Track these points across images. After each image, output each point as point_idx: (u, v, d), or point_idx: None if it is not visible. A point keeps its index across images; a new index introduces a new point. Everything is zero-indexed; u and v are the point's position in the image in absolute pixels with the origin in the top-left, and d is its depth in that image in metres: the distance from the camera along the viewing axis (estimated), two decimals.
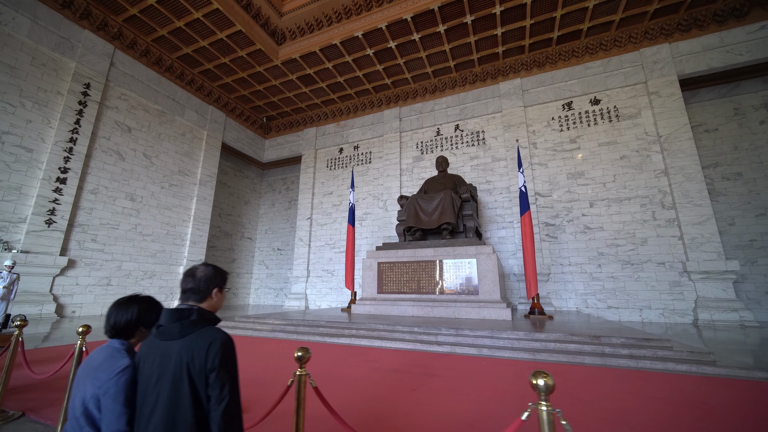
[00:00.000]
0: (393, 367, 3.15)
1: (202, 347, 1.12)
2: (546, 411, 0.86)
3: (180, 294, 1.32)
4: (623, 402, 2.25)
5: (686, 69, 8.94)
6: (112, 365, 1.16)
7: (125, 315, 1.29)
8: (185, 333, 1.15)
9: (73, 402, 1.14)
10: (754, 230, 8.84)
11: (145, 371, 1.15)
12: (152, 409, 1.08)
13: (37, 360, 3.20)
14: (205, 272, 1.31)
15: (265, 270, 15.24)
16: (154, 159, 10.28)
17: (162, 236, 10.31)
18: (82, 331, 1.92)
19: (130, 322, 1.29)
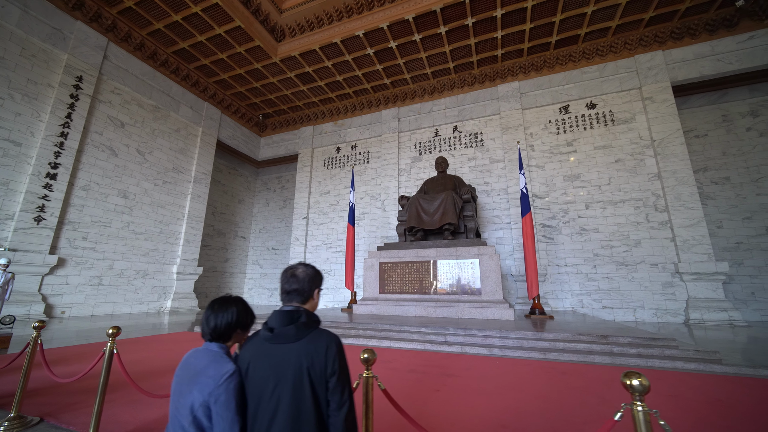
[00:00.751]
0: (409, 368, 3.14)
1: (320, 351, 1.09)
2: (642, 412, 0.86)
3: (282, 295, 1.28)
4: (649, 402, 2.29)
5: (679, 76, 9.21)
6: (219, 371, 1.10)
7: (225, 317, 1.23)
8: (300, 336, 1.12)
9: (177, 411, 1.08)
10: (741, 233, 9.16)
11: (257, 376, 1.10)
12: (272, 416, 1.03)
13: (39, 362, 3.07)
14: (306, 272, 1.27)
15: (259, 270, 15.04)
16: (147, 155, 10.03)
17: (155, 235, 10.07)
18: (113, 332, 1.85)
19: (230, 324, 1.23)
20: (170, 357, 3.61)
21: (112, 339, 1.81)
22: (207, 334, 1.23)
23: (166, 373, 2.94)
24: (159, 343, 4.55)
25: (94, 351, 3.93)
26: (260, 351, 1.13)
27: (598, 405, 2.21)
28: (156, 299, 9.89)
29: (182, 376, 1.14)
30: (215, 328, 1.22)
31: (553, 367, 3.19)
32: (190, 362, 1.17)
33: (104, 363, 1.74)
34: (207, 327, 1.23)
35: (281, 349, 1.11)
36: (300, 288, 1.24)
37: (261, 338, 1.17)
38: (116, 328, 1.87)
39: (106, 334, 1.85)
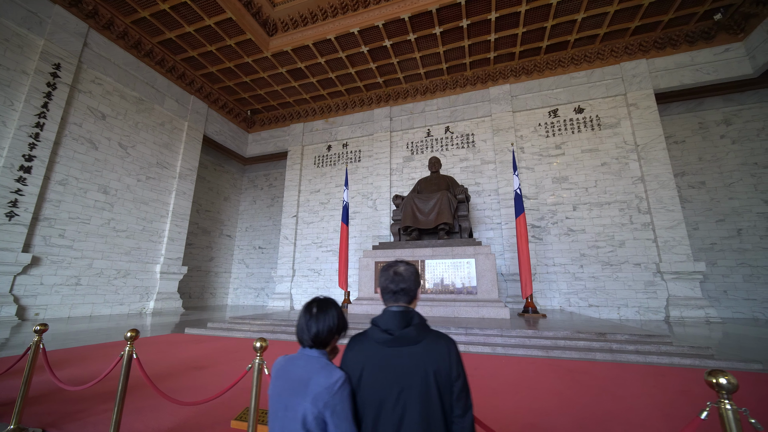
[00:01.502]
0: None
1: (444, 353, 1.03)
2: (732, 410, 0.87)
3: (386, 295, 1.20)
4: (662, 397, 2.37)
5: (661, 84, 9.62)
6: (329, 379, 1.02)
7: (327, 322, 1.14)
8: (420, 338, 1.05)
9: (284, 426, 1.00)
10: (715, 234, 9.68)
11: (375, 383, 1.02)
12: (398, 425, 0.96)
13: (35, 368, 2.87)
14: (410, 270, 1.20)
15: (245, 269, 14.69)
16: (130, 149, 9.58)
17: (137, 232, 9.64)
18: (131, 336, 1.72)
19: (332, 329, 1.15)
20: (167, 360, 3.45)
21: (130, 342, 1.69)
22: (307, 340, 1.14)
23: (169, 377, 2.80)
24: (151, 345, 4.34)
25: (88, 354, 3.71)
26: (376, 355, 1.06)
27: (611, 402, 2.27)
28: (138, 300, 9.48)
29: (284, 387, 1.06)
30: (318, 335, 1.13)
31: (558, 364, 3.26)
32: (291, 371, 1.08)
33: (123, 368, 1.62)
34: (308, 333, 1.14)
35: (401, 353, 1.04)
36: (407, 287, 1.17)
37: (373, 341, 1.09)
38: (134, 332, 1.75)
39: (125, 337, 1.72)
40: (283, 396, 1.04)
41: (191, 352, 3.93)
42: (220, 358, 3.64)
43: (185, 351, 3.96)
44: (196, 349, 4.06)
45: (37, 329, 1.94)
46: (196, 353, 3.85)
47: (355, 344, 1.14)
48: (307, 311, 1.17)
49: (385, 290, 1.20)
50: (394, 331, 1.07)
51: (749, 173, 9.70)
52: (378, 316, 1.16)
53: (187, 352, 3.88)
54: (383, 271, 1.23)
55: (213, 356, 3.71)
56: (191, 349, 4.06)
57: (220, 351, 3.99)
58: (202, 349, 4.07)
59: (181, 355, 3.70)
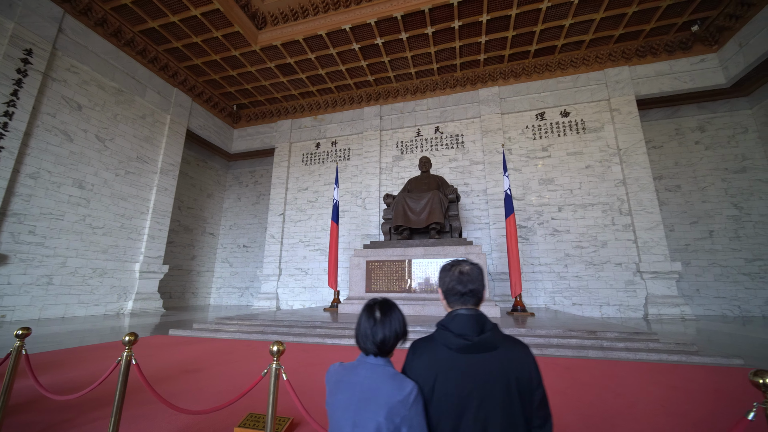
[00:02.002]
0: None
1: (524, 360, 0.96)
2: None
3: (453, 297, 1.12)
4: (660, 394, 2.44)
5: (642, 90, 10.00)
6: (402, 390, 0.93)
7: (393, 326, 1.04)
8: (498, 345, 0.98)
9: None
10: (689, 236, 10.15)
11: (451, 393, 0.94)
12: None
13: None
14: (477, 270, 1.13)
15: (229, 268, 14.31)
16: (108, 142, 9.13)
17: (115, 229, 9.20)
18: (130, 340, 1.60)
19: (398, 335, 1.06)
20: (156, 363, 3.29)
21: (129, 347, 1.57)
22: (372, 348, 1.04)
23: (161, 381, 2.66)
24: (135, 348, 4.13)
25: (66, 359, 3.49)
26: (451, 363, 0.98)
27: (614, 399, 2.31)
28: (115, 300, 9.05)
29: (350, 401, 0.97)
30: (384, 341, 1.03)
31: (555, 362, 3.31)
32: (355, 383, 1.00)
33: (120, 375, 1.50)
34: (373, 340, 1.04)
35: (480, 361, 0.96)
36: (476, 288, 1.10)
37: (445, 347, 1.01)
38: (133, 335, 1.62)
39: (123, 341, 1.60)
40: (350, 410, 0.95)
41: (180, 354, 3.77)
42: (212, 360, 3.50)
43: (174, 353, 3.79)
44: (185, 352, 3.90)
45: (19, 333, 1.79)
46: (186, 356, 3.69)
47: (422, 350, 1.04)
48: (370, 316, 1.07)
49: (451, 292, 1.12)
50: (471, 336, 1.00)
51: (720, 178, 10.23)
52: (447, 320, 1.07)
53: (175, 355, 3.71)
54: (445, 271, 1.16)
55: (204, 358, 3.56)
56: (180, 352, 3.89)
57: (210, 353, 3.84)
58: (191, 352, 3.91)
59: (170, 358, 3.54)
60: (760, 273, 9.44)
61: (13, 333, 1.94)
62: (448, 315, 1.10)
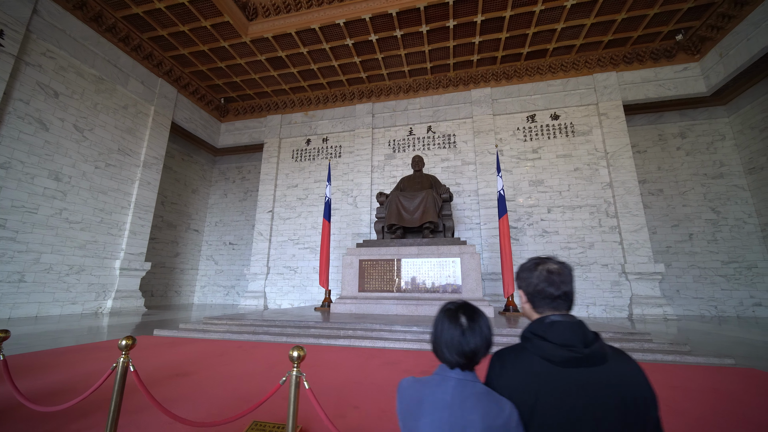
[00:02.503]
0: (421, 369, 3.05)
1: (637, 376, 0.85)
2: None
3: (543, 300, 0.99)
4: (665, 394, 2.46)
5: (629, 96, 10.26)
6: (500, 412, 0.80)
7: (483, 334, 0.90)
8: (608, 357, 0.86)
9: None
10: (670, 238, 10.50)
11: (556, 415, 0.82)
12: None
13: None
14: (568, 269, 1.00)
15: (214, 266, 13.91)
16: (87, 133, 8.67)
17: (94, 224, 8.76)
18: (127, 344, 1.45)
19: (489, 343, 0.92)
20: (142, 366, 3.09)
21: (125, 353, 1.42)
22: (460, 360, 0.89)
23: (150, 386, 2.49)
24: (117, 349, 3.91)
25: (43, 362, 3.25)
26: (553, 378, 0.84)
27: None
28: (93, 298, 8.62)
29: (440, 424, 0.82)
30: (476, 352, 0.89)
31: None
32: (445, 403, 0.84)
33: (116, 383, 1.36)
34: (462, 350, 0.89)
35: (588, 376, 0.83)
36: (570, 290, 0.96)
37: (543, 360, 0.87)
38: (130, 339, 1.47)
39: (119, 346, 1.45)
40: (440, 427, 0.81)
41: (167, 356, 3.58)
42: (203, 362, 3.33)
43: (160, 355, 3.60)
44: (173, 354, 3.71)
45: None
46: (174, 358, 3.51)
47: (514, 363, 0.90)
48: (454, 322, 0.92)
49: (540, 294, 0.98)
50: (578, 347, 0.86)
51: (700, 183, 10.62)
52: (540, 328, 0.94)
53: (162, 357, 3.52)
54: (528, 270, 1.03)
55: (194, 361, 3.39)
56: (166, 354, 3.70)
57: (199, 355, 3.67)
58: (179, 353, 3.72)
59: (157, 361, 3.35)
60: (735, 275, 9.85)
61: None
62: (539, 322, 0.96)
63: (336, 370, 2.97)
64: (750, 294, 9.63)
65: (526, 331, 0.98)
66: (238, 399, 2.30)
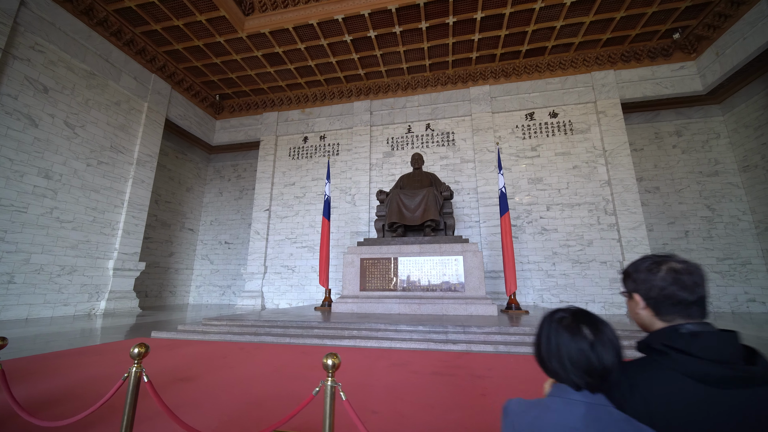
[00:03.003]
0: (431, 370, 2.98)
1: None
2: None
3: (675, 307, 0.86)
4: None
5: (626, 94, 10.30)
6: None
7: (614, 346, 0.76)
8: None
9: None
10: (666, 236, 10.59)
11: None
12: None
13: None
14: (700, 269, 0.87)
15: (210, 265, 13.70)
16: (78, 129, 8.43)
17: (87, 224, 8.53)
18: (140, 353, 1.34)
19: (620, 357, 0.78)
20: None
21: (138, 362, 1.31)
22: (589, 380, 0.75)
23: (158, 392, 2.37)
24: (115, 352, 3.77)
25: (34, 368, 3.11)
26: (706, 402, 0.72)
27: None
28: (86, 300, 8.40)
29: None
30: (610, 369, 0.75)
31: None
32: (575, 428, 0.70)
33: (128, 395, 1.25)
34: (588, 369, 0.75)
35: (754, 400, 0.70)
36: (705, 294, 0.83)
37: (688, 378, 0.75)
38: (143, 347, 1.36)
39: (131, 354, 1.35)
40: None
41: (168, 359, 3.46)
42: (205, 366, 3.22)
43: (160, 359, 3.48)
44: (173, 357, 3.59)
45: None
46: (175, 361, 3.39)
47: (648, 382, 0.77)
48: (576, 333, 0.77)
49: (669, 300, 0.84)
50: (739, 364, 0.74)
51: (695, 181, 10.72)
52: (678, 339, 0.81)
53: (163, 360, 3.40)
54: (647, 272, 0.89)
55: (195, 364, 3.28)
56: (167, 357, 3.58)
57: (201, 357, 3.55)
58: (180, 356, 3.60)
59: (157, 364, 3.23)
60: (729, 271, 9.98)
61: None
62: (672, 332, 0.83)
63: (344, 373, 2.88)
64: (744, 290, 9.76)
65: (654, 342, 0.85)
66: (248, 404, 2.20)
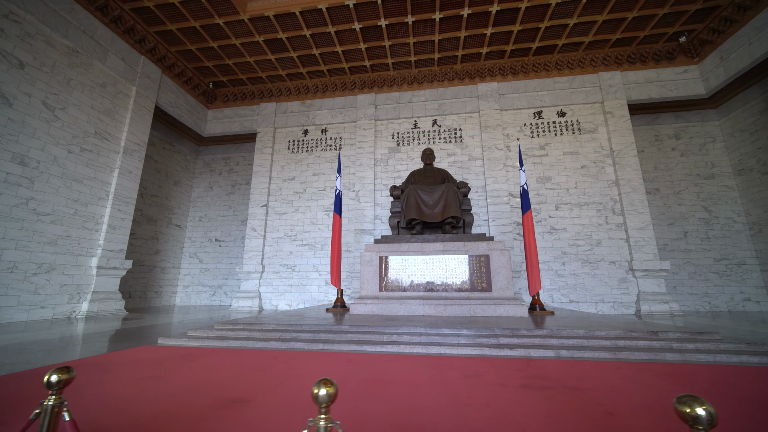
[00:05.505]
0: (516, 383, 2.62)
1: None
2: None
3: None
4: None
5: (633, 96, 10.39)
6: None
7: None
8: None
9: None
10: (666, 236, 10.77)
11: None
12: None
13: None
14: None
15: (199, 264, 12.86)
16: (59, 112, 7.56)
17: (67, 217, 7.67)
18: (60, 380, 0.78)
19: None
20: (169, 388, 2.47)
21: (55, 393, 0.81)
22: None
23: (200, 420, 1.90)
24: (123, 365, 3.20)
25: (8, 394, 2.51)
26: None
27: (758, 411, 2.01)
28: (66, 301, 7.54)
29: None
30: None
31: (650, 368, 3.01)
32: None
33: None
34: None
35: None
36: None
37: None
38: (65, 372, 0.91)
39: (45, 382, 0.84)
40: None
41: (197, 374, 2.92)
42: (248, 381, 2.71)
43: (184, 373, 2.94)
44: (198, 369, 3.05)
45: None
46: (205, 376, 2.85)
47: None
48: None
49: None
50: None
51: (693, 183, 10.97)
52: None
53: (192, 375, 2.87)
54: None
55: (235, 379, 2.77)
56: (191, 370, 3.03)
57: (235, 370, 3.04)
58: (209, 370, 3.06)
59: (187, 380, 2.71)
60: (726, 271, 10.24)
61: None
62: None
63: (419, 387, 2.48)
64: (740, 290, 10.04)
65: None
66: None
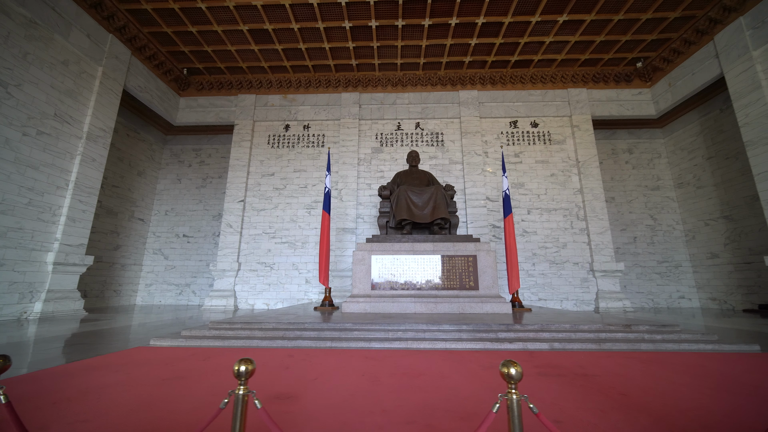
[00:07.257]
0: (532, 371, 2.89)
1: None
2: None
3: None
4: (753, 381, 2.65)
5: (596, 112, 11.42)
6: None
7: None
8: None
9: None
10: (619, 240, 11.97)
11: None
12: None
13: None
14: None
15: (164, 261, 12.05)
16: (13, 89, 6.74)
17: (20, 207, 6.86)
18: (247, 371, 0.98)
19: None
20: (202, 389, 2.41)
21: (245, 382, 0.93)
22: None
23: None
24: (130, 368, 3.01)
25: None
26: None
27: (732, 397, 2.42)
28: (16, 301, 6.75)
29: None
30: None
31: (634, 357, 3.42)
32: None
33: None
34: None
35: None
36: None
37: None
38: (248, 363, 1.00)
39: (234, 372, 0.92)
40: None
41: (220, 373, 2.85)
42: (285, 378, 2.69)
43: (211, 372, 2.85)
44: (220, 369, 2.98)
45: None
46: (233, 374, 2.81)
47: None
48: None
49: None
50: None
51: (642, 193, 12.30)
52: None
53: (215, 374, 2.80)
54: None
55: (269, 376, 2.75)
56: (214, 369, 2.95)
57: (261, 368, 2.96)
58: (227, 368, 3.00)
59: (214, 379, 2.64)
60: (666, 272, 11.62)
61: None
62: None
63: (448, 379, 2.64)
64: (677, 288, 11.45)
65: None
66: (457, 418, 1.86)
